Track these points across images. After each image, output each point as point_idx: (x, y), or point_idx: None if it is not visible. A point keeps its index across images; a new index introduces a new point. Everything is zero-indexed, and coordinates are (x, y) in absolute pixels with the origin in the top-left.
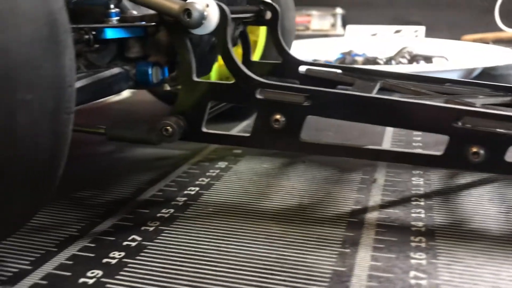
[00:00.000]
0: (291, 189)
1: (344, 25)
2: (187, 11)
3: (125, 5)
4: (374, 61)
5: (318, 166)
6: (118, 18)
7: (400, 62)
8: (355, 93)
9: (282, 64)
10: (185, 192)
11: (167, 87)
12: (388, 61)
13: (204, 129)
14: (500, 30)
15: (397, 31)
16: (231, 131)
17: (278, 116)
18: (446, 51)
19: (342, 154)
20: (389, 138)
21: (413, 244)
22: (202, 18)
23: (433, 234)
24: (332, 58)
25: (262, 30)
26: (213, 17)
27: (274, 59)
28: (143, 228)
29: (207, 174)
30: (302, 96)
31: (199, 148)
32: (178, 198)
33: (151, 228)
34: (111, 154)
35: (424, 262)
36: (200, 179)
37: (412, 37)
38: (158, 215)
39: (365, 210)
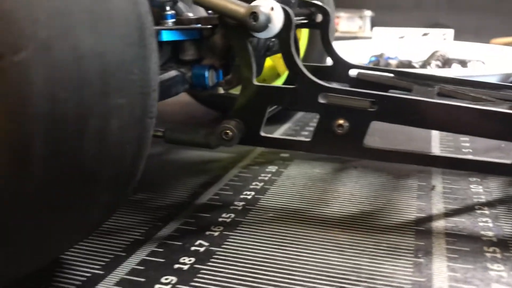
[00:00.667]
0: (349, 196)
1: (371, 27)
2: (254, 15)
3: (180, 7)
4: (409, 64)
5: (371, 172)
6: (173, 20)
7: (439, 66)
8: (424, 99)
9: (332, 67)
10: (242, 196)
11: (221, 90)
12: (423, 65)
13: (263, 133)
14: None
15: (425, 34)
16: (273, 134)
17: (341, 121)
18: (478, 55)
19: (410, 161)
20: (437, 143)
21: (488, 255)
22: (268, 21)
23: (507, 245)
24: (364, 61)
25: (304, 33)
26: (277, 21)
27: (314, 62)
28: (207, 233)
29: (259, 178)
30: (367, 101)
31: (245, 151)
32: (236, 203)
33: (216, 233)
34: (160, 156)
35: (504, 274)
36: (254, 184)
37: (441, 40)
38: (220, 219)
39: (430, 218)
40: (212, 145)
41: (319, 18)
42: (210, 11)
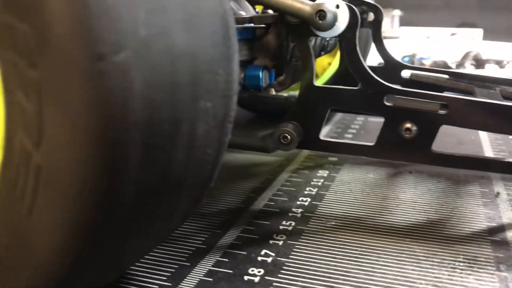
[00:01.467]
0: (412, 203)
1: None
2: (320, 13)
3: (231, 6)
4: (444, 65)
5: (428, 177)
6: None
7: (474, 66)
8: (501, 102)
9: (383, 67)
10: (298, 202)
11: (273, 92)
12: (458, 65)
13: (322, 138)
14: None
15: (453, 34)
16: None
17: (409, 125)
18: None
19: (482, 168)
20: (488, 146)
21: None
22: (335, 20)
23: None
24: None
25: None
26: (343, 19)
27: None
28: (271, 241)
29: (312, 183)
30: (437, 104)
31: (292, 154)
32: (293, 209)
33: (280, 242)
34: None
35: None
36: (308, 189)
37: (469, 40)
38: (281, 227)
39: (502, 228)
40: (270, 150)
41: (371, 17)
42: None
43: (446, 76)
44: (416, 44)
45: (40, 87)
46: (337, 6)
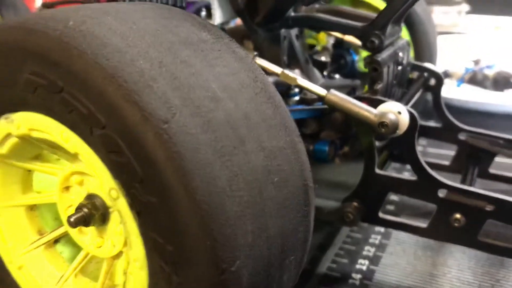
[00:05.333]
0: (458, 271)
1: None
2: (383, 124)
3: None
4: (508, 77)
5: None
6: (297, 98)
7: None
8: None
9: (441, 128)
10: (357, 266)
11: (337, 161)
12: None
13: (381, 215)
14: None
15: None
16: None
17: (458, 216)
18: None
19: None
20: None
21: None
22: (396, 128)
23: None
24: (456, 66)
25: None
26: (403, 124)
27: None
28: None
29: (370, 241)
30: (485, 202)
31: None
32: (353, 275)
33: None
34: None
35: None
36: (366, 249)
37: None
38: None
39: None
40: (334, 223)
41: (432, 82)
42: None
43: (501, 141)
44: (483, 41)
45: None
46: (399, 112)
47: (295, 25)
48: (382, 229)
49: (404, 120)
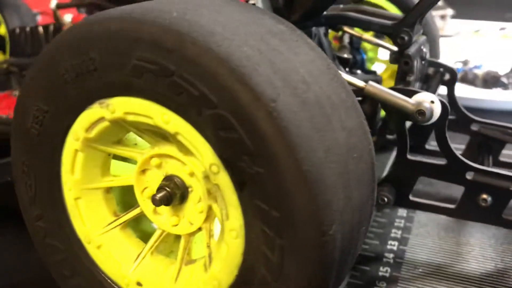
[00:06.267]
0: (480, 249)
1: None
2: (420, 111)
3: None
4: (496, 76)
5: None
6: None
7: None
8: None
9: (454, 120)
10: (388, 247)
11: None
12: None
13: (411, 198)
14: None
15: (502, 29)
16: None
17: (485, 196)
18: None
19: None
20: None
21: None
22: (431, 115)
23: None
24: None
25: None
26: (436, 113)
27: None
28: None
29: (395, 224)
30: (510, 182)
31: None
32: (386, 254)
33: None
34: None
35: None
36: (393, 231)
37: None
38: (380, 274)
39: None
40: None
41: (447, 76)
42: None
43: (510, 131)
44: (466, 44)
45: (283, 249)
46: (432, 102)
47: (328, 24)
48: (404, 213)
49: (437, 109)
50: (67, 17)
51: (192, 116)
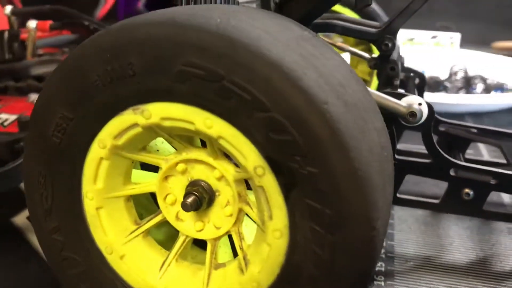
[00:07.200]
0: (459, 240)
1: None
2: (412, 113)
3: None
4: (438, 81)
5: None
6: None
7: (458, 88)
8: None
9: None
10: None
11: None
12: (449, 81)
13: (398, 195)
14: None
15: (434, 37)
16: None
17: (467, 190)
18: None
19: None
20: None
21: None
22: (421, 117)
23: None
24: None
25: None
26: (424, 114)
27: None
28: (375, 282)
29: None
30: (490, 176)
31: None
32: None
33: (382, 283)
34: None
35: None
36: None
37: (448, 46)
38: (376, 269)
39: None
40: None
41: (417, 81)
42: None
43: (475, 130)
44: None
45: (334, 245)
46: (420, 104)
47: (316, 31)
48: None
49: (425, 110)
50: (32, 23)
51: (240, 120)
